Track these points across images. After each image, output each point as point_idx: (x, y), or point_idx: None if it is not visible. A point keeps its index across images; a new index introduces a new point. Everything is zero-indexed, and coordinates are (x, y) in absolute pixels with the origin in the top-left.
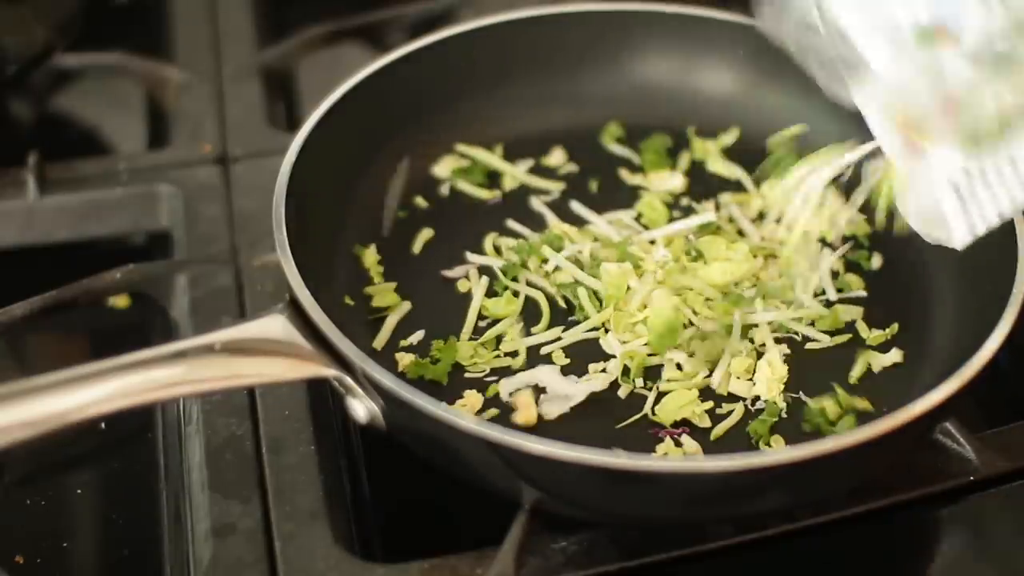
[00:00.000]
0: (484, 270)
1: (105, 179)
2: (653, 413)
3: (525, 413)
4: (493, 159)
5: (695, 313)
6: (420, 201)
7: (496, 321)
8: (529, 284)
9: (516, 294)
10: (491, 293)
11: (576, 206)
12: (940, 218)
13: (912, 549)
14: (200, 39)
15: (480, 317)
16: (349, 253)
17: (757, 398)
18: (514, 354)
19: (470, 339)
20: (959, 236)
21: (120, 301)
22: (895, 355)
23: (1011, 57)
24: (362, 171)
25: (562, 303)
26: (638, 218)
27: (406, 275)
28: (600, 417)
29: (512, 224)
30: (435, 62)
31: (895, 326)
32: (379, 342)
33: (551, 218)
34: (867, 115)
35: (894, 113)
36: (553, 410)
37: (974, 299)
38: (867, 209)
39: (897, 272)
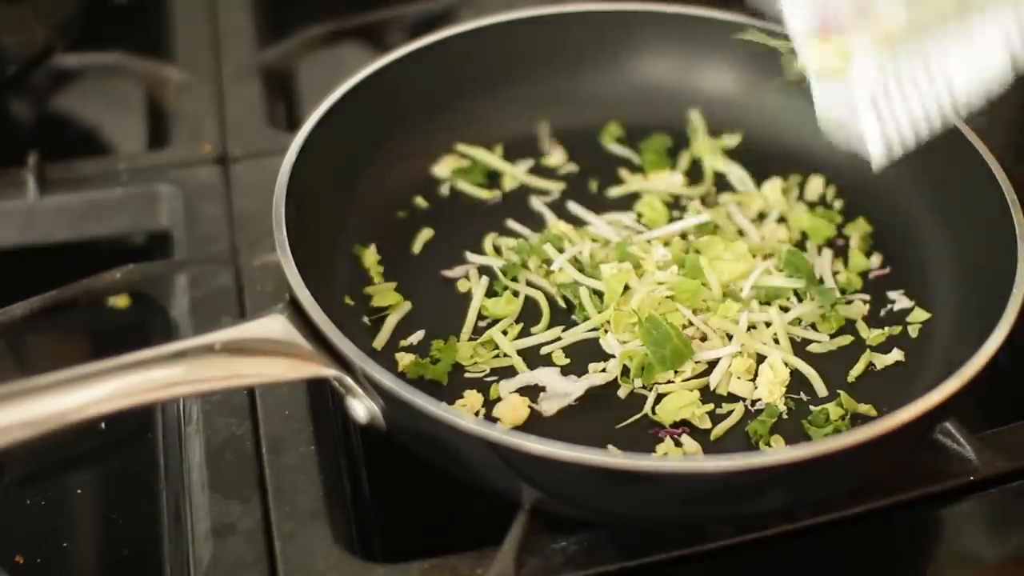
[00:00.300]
0: (484, 270)
1: (105, 179)
2: (653, 413)
3: (512, 415)
4: (493, 159)
5: (695, 313)
6: (420, 201)
7: (496, 321)
8: (529, 284)
9: (516, 294)
10: (491, 293)
11: (575, 206)
12: (859, 133)
13: (912, 549)
14: (200, 39)
15: (480, 317)
16: (349, 253)
17: (758, 399)
18: (508, 357)
19: (470, 339)
20: (877, 152)
21: (120, 301)
22: (896, 355)
23: None
24: (362, 171)
25: (562, 303)
26: (638, 218)
27: (406, 275)
28: (600, 417)
29: (512, 224)
30: (435, 62)
31: (895, 326)
32: (379, 342)
33: (551, 218)
34: (787, 17)
35: (812, 12)
36: (552, 406)
37: (974, 299)
38: (867, 208)
39: (897, 271)
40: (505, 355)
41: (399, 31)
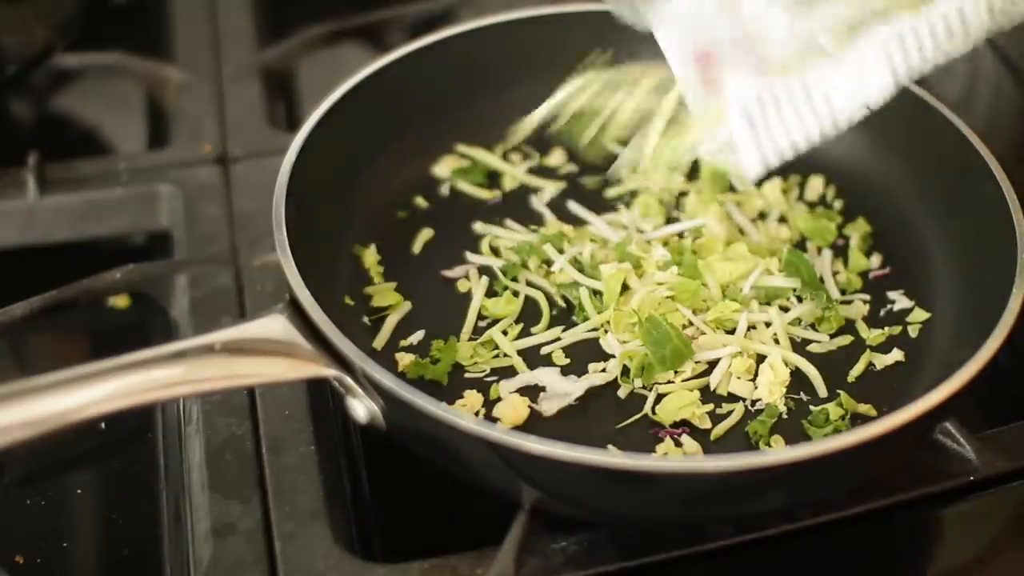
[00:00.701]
0: (484, 270)
1: (105, 179)
2: (653, 413)
3: (512, 415)
4: (493, 159)
5: (695, 313)
6: (420, 201)
7: (496, 321)
8: (529, 284)
9: (516, 294)
10: (491, 293)
11: (575, 206)
12: (732, 146)
13: (912, 549)
14: (200, 39)
15: (480, 317)
16: (349, 253)
17: (758, 399)
18: (508, 357)
19: (470, 339)
20: (750, 165)
21: (120, 301)
22: (896, 355)
23: None
24: (362, 171)
25: (562, 303)
26: (638, 218)
27: (406, 275)
28: (600, 417)
29: (512, 224)
30: (435, 62)
31: (895, 326)
32: (379, 342)
33: (550, 218)
34: (664, 46)
35: (690, 45)
36: (552, 406)
37: (974, 299)
38: (867, 208)
39: (897, 271)
40: (505, 355)
41: (399, 31)
